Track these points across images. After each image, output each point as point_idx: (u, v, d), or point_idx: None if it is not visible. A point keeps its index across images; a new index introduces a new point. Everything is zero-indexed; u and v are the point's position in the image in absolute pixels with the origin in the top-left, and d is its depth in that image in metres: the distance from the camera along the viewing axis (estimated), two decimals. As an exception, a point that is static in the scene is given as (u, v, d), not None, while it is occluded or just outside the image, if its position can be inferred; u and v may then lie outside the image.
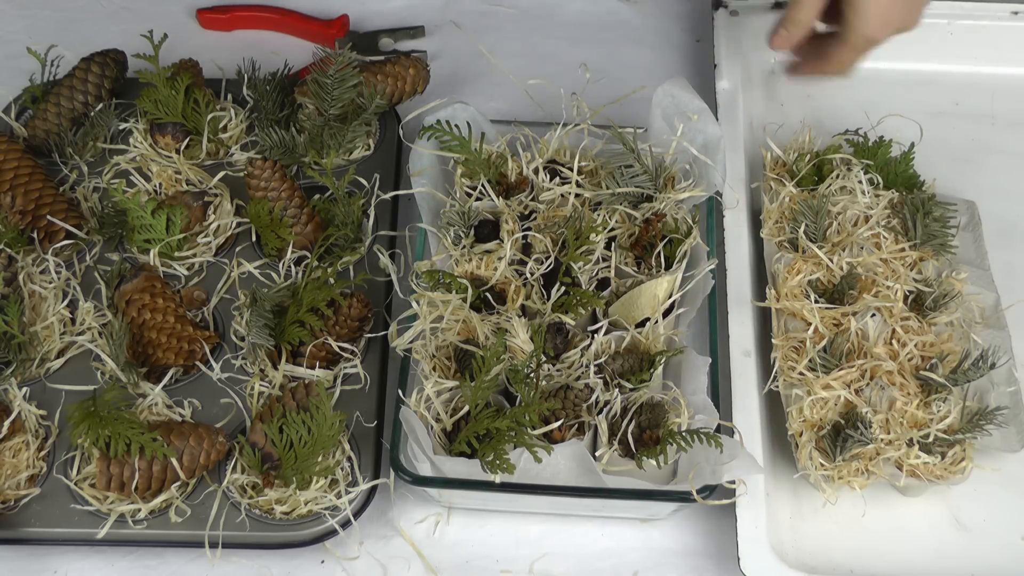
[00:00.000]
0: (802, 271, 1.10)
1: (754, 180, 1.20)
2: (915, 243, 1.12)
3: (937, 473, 1.00)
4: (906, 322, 1.06)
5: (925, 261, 1.12)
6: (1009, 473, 1.04)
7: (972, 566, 1.00)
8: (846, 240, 1.12)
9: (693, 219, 1.11)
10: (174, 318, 1.07)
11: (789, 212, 1.15)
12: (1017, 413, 1.04)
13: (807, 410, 1.02)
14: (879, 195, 1.15)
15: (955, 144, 1.29)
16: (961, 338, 1.07)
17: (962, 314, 1.08)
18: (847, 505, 1.03)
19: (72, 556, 1.01)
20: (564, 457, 0.95)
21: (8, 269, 1.10)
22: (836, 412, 1.02)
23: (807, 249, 1.11)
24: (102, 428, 0.97)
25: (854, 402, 1.02)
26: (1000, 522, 1.03)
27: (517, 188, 1.14)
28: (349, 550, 1.01)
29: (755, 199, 1.19)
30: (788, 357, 1.06)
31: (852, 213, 1.14)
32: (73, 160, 1.23)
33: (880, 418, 1.01)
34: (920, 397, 1.03)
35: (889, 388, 1.02)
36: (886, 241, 1.12)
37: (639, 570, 1.01)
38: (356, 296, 1.07)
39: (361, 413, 1.04)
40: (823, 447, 1.01)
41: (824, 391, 1.02)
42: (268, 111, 1.23)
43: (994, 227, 1.19)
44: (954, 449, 1.01)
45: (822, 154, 1.18)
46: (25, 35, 1.39)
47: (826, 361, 1.03)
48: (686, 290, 1.07)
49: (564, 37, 1.41)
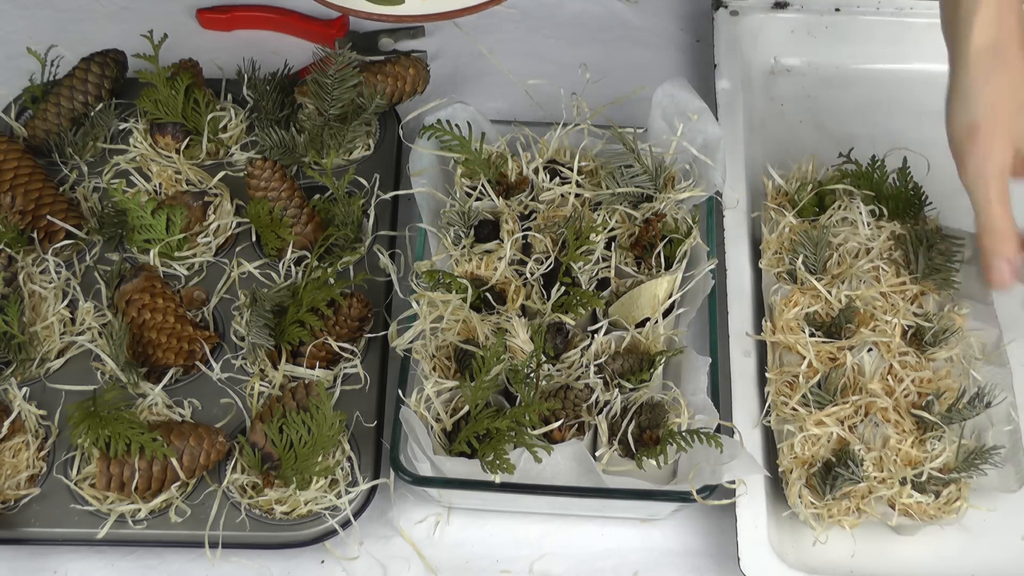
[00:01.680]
0: (799, 303, 1.07)
1: (754, 178, 1.20)
2: (916, 276, 1.09)
3: (931, 513, 0.98)
4: (904, 357, 1.04)
5: (926, 295, 1.08)
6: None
7: (972, 566, 1.00)
8: (846, 272, 1.09)
9: (693, 219, 1.11)
10: (174, 318, 1.07)
11: (788, 243, 1.12)
12: (1015, 453, 1.01)
13: (798, 447, 1.00)
14: (881, 227, 1.12)
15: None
16: (960, 374, 1.05)
17: (962, 350, 1.06)
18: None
19: (72, 556, 1.01)
20: (564, 457, 0.95)
21: (8, 269, 1.10)
22: (828, 449, 1.00)
23: (805, 281, 1.08)
24: (102, 428, 0.97)
25: (847, 439, 0.99)
26: (1000, 522, 1.03)
27: (517, 188, 1.14)
28: (349, 550, 1.01)
29: (755, 197, 1.19)
30: (781, 392, 1.03)
31: (852, 245, 1.11)
32: (73, 160, 1.23)
33: (873, 456, 0.98)
34: (915, 435, 1.00)
35: (883, 425, 0.99)
36: (886, 274, 1.08)
37: (639, 570, 1.01)
38: (356, 296, 1.07)
39: (361, 413, 1.04)
40: (813, 484, 0.99)
41: (816, 428, 1.00)
42: (268, 111, 1.23)
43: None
44: (949, 488, 0.98)
45: (824, 183, 1.15)
46: (25, 35, 1.39)
47: (820, 397, 1.01)
48: (686, 290, 1.07)
49: (564, 37, 1.41)
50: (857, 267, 1.09)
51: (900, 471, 0.98)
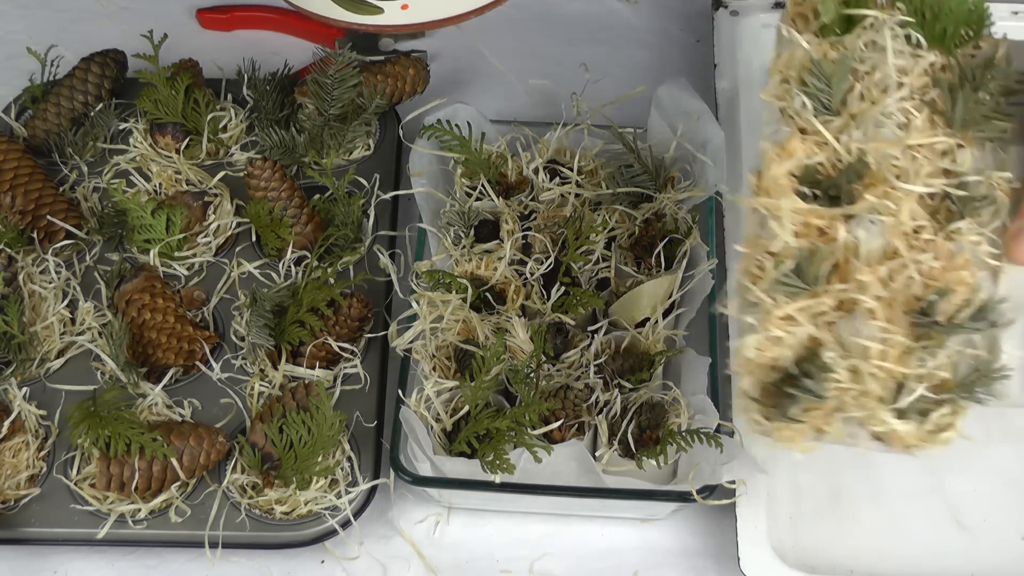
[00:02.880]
0: (796, 152, 0.81)
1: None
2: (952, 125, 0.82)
3: (910, 442, 0.77)
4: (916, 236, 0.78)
5: (964, 148, 0.81)
6: (1009, 473, 1.04)
7: (972, 566, 1.00)
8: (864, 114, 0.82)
9: (693, 219, 1.11)
10: (174, 318, 1.07)
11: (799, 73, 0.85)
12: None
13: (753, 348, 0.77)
14: (919, 56, 0.84)
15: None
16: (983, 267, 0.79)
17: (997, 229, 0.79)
18: (847, 505, 1.03)
19: (72, 556, 1.01)
20: (564, 457, 0.95)
21: (8, 269, 1.10)
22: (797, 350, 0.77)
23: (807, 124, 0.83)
24: (102, 428, 0.97)
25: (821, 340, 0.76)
26: (1000, 522, 1.03)
27: (517, 188, 1.14)
28: (349, 550, 1.01)
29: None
30: (751, 273, 0.79)
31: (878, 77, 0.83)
32: (73, 160, 1.23)
33: (848, 364, 0.76)
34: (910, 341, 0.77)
35: (869, 326, 0.76)
36: (915, 119, 0.81)
37: (639, 570, 1.01)
38: (356, 296, 1.07)
39: (361, 413, 1.04)
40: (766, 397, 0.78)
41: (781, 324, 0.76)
42: (268, 111, 1.23)
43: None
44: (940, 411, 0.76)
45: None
46: (25, 35, 1.39)
47: (792, 282, 0.77)
48: (686, 290, 1.07)
49: (564, 37, 1.41)
50: (877, 110, 0.82)
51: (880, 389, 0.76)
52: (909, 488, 1.04)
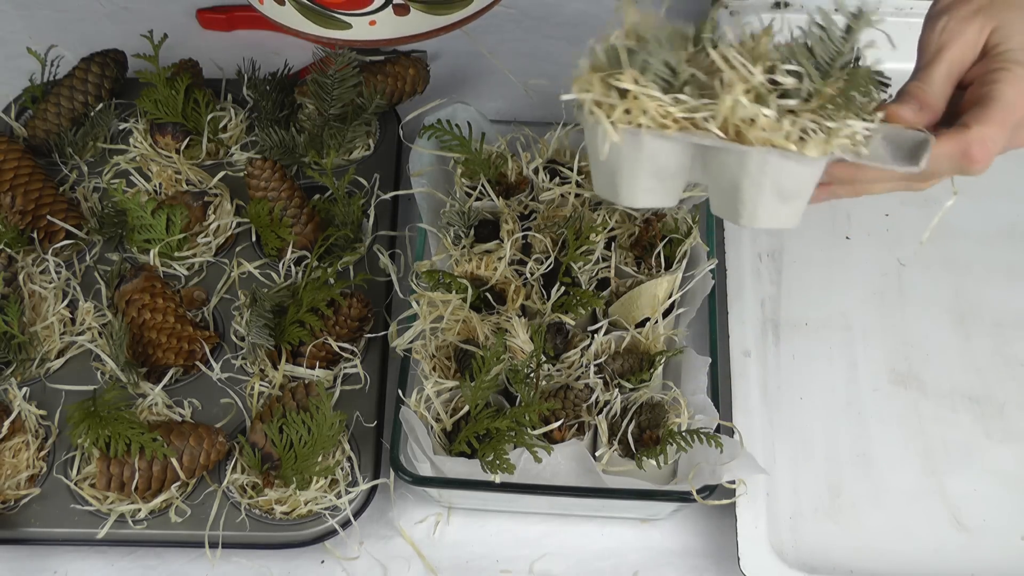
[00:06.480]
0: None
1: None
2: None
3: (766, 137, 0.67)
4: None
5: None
6: (1009, 474, 1.04)
7: (972, 566, 1.00)
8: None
9: (693, 219, 1.11)
10: (174, 318, 1.07)
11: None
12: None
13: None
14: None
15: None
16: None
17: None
18: (847, 505, 1.03)
19: (72, 556, 1.01)
20: (564, 457, 0.95)
21: (8, 269, 1.10)
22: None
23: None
24: (102, 428, 0.97)
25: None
26: (1000, 522, 1.03)
27: (517, 188, 1.14)
28: (349, 550, 1.01)
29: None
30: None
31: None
32: (73, 160, 1.23)
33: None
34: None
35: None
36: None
37: (639, 570, 1.01)
38: (356, 296, 1.07)
39: (361, 413, 1.04)
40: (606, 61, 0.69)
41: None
42: (268, 111, 1.23)
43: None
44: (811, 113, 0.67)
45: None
46: (25, 35, 1.40)
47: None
48: (686, 290, 1.07)
49: (564, 37, 1.41)
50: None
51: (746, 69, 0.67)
52: (909, 488, 1.04)
